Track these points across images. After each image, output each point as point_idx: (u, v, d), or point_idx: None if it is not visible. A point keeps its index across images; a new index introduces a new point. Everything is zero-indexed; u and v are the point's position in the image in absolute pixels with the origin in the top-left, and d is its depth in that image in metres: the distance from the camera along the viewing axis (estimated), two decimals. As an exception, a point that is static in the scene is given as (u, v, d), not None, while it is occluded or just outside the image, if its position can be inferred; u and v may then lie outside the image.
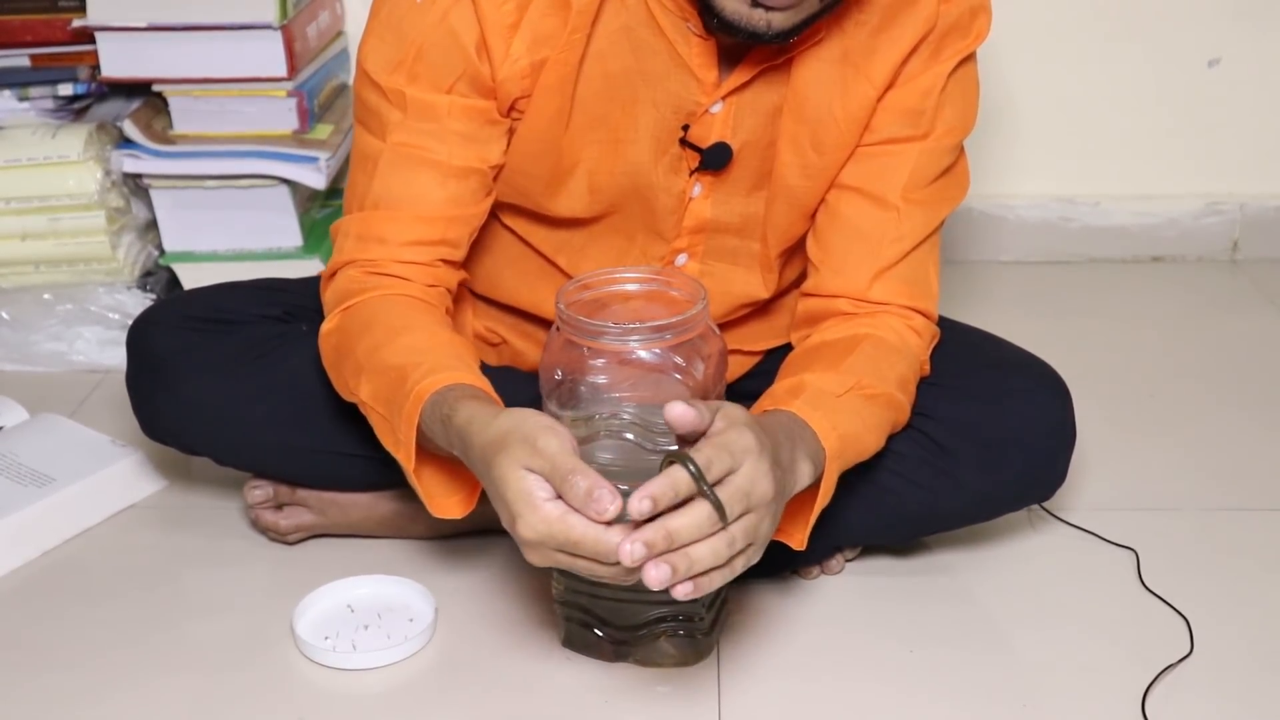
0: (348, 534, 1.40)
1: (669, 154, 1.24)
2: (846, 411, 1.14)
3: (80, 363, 1.76)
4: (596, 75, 1.21)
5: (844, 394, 1.15)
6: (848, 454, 1.14)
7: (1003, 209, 2.06)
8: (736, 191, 1.28)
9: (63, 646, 1.27)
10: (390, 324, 1.16)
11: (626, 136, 1.23)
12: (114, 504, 1.46)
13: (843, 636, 1.27)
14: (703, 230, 1.29)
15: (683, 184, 1.26)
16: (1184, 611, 1.28)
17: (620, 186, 1.26)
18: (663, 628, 1.20)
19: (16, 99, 1.77)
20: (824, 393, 1.15)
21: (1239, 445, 1.58)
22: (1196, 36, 1.97)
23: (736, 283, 1.32)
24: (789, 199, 1.27)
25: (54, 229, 1.73)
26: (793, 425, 1.10)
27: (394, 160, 1.21)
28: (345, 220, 1.25)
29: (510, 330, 1.41)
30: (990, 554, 1.38)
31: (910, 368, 1.23)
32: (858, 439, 1.15)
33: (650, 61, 1.20)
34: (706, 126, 1.23)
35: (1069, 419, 1.29)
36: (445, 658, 1.25)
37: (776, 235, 1.30)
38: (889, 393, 1.19)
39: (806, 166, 1.25)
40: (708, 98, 1.21)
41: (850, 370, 1.18)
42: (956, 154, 1.28)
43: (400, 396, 1.10)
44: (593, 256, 1.31)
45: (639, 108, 1.22)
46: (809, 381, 1.16)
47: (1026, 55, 1.99)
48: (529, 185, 1.26)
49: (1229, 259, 2.06)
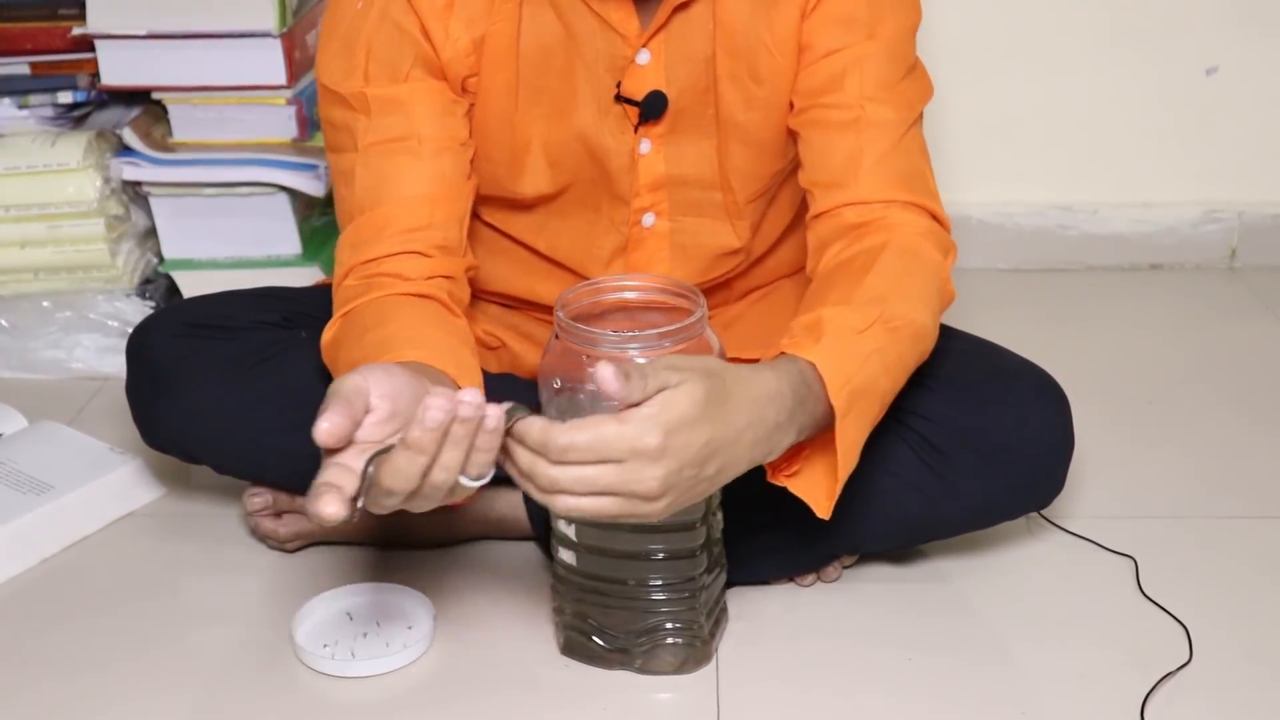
0: (347, 542, 1.40)
1: (611, 114, 1.26)
2: (865, 353, 1.09)
3: (79, 370, 1.76)
4: (533, 47, 1.24)
5: (867, 329, 1.11)
6: (862, 406, 1.09)
7: (1001, 216, 2.06)
8: (686, 142, 1.28)
9: (61, 654, 1.27)
10: (382, 319, 1.16)
11: (568, 104, 1.25)
12: (112, 511, 1.46)
13: (841, 644, 1.27)
14: (662, 186, 1.30)
15: (630, 141, 1.27)
16: (1183, 619, 1.28)
17: (575, 154, 1.27)
18: (661, 635, 1.20)
19: (16, 106, 1.77)
20: (844, 330, 1.10)
21: (1238, 453, 1.58)
22: (1194, 44, 1.98)
23: (706, 234, 1.33)
24: (741, 137, 1.27)
25: (53, 236, 1.73)
26: (796, 385, 1.05)
27: (369, 161, 1.22)
28: (340, 236, 1.25)
29: (509, 332, 1.41)
30: (989, 561, 1.38)
31: (931, 283, 1.19)
32: (874, 385, 1.10)
33: (576, 24, 1.23)
34: (638, 79, 1.25)
35: (1068, 427, 1.30)
36: (444, 665, 1.25)
37: (740, 178, 1.30)
38: (915, 321, 1.14)
39: (750, 100, 1.25)
40: (631, 49, 1.23)
41: (871, 293, 1.14)
42: (910, 55, 1.27)
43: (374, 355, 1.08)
44: (566, 232, 1.32)
45: (574, 72, 1.24)
46: (828, 318, 1.11)
47: (1024, 63, 1.99)
48: (494, 170, 1.28)
49: (1227, 266, 2.07)
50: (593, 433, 0.95)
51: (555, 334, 1.15)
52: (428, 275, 1.21)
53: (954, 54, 1.98)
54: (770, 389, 1.03)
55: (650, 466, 0.96)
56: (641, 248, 1.33)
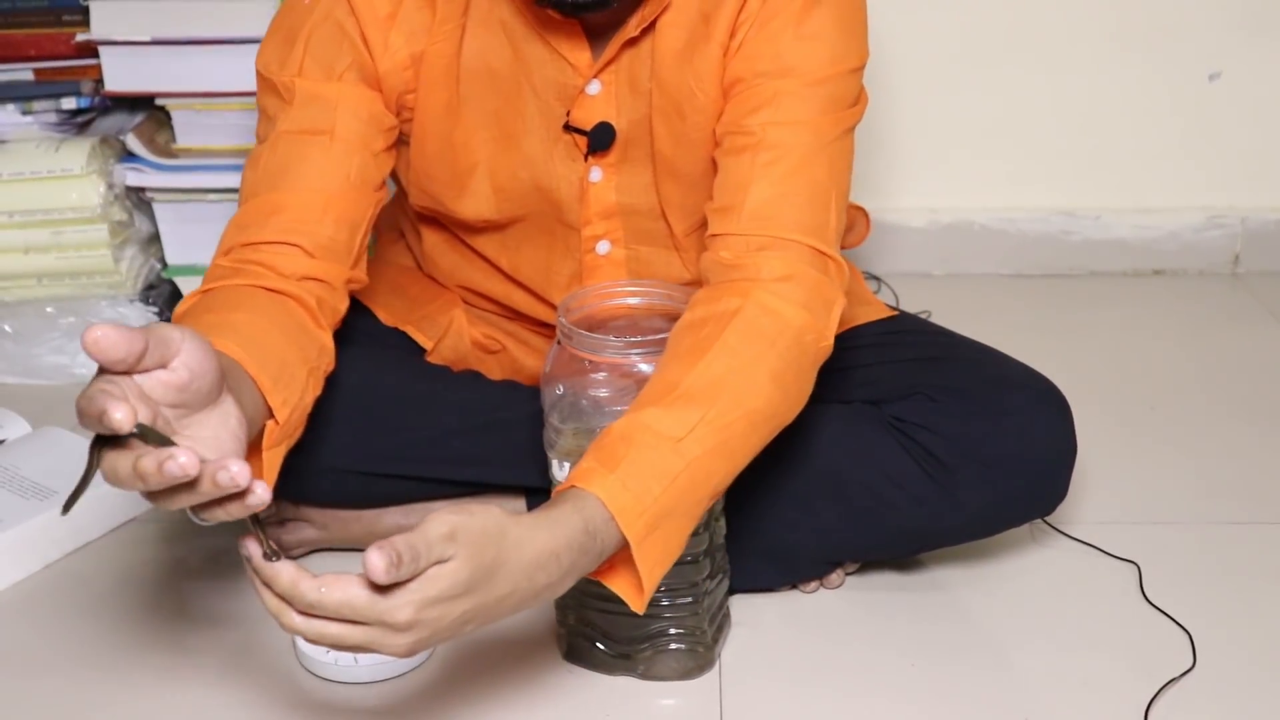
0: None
1: (560, 141, 1.26)
2: (675, 470, 1.03)
3: (83, 376, 1.76)
4: (479, 70, 1.23)
5: (686, 435, 1.04)
6: (672, 524, 1.04)
7: (1003, 222, 2.06)
8: (635, 173, 1.28)
9: (64, 659, 1.27)
10: (233, 305, 1.10)
11: (517, 130, 1.26)
12: (116, 517, 1.46)
13: (845, 650, 1.27)
14: (614, 215, 1.30)
15: (579, 170, 1.27)
16: (1186, 625, 1.28)
17: (521, 182, 1.27)
18: (664, 641, 1.20)
19: (20, 112, 1.77)
20: (657, 443, 1.03)
21: (1241, 458, 1.58)
22: (1197, 50, 1.98)
23: (660, 264, 1.33)
24: (669, 170, 1.27)
25: (57, 242, 1.73)
26: (576, 536, 1.00)
27: (278, 147, 1.20)
28: (231, 218, 1.21)
29: (507, 337, 1.42)
30: (992, 568, 1.38)
31: (781, 357, 1.11)
32: (686, 498, 1.05)
33: (526, 50, 1.23)
34: (587, 109, 1.25)
35: (1070, 434, 1.29)
36: (447, 671, 1.25)
37: (674, 212, 1.29)
38: (752, 410, 1.08)
39: (675, 135, 1.25)
40: (582, 79, 1.23)
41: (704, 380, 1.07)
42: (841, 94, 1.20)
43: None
44: (524, 259, 1.33)
45: (523, 99, 1.24)
46: (641, 427, 1.04)
47: (1027, 68, 1.99)
48: (435, 189, 1.28)
49: (1230, 272, 2.07)
50: (341, 596, 0.92)
51: (558, 340, 1.15)
52: (302, 275, 1.16)
53: (956, 58, 1.98)
54: (543, 553, 0.97)
55: (397, 636, 0.93)
56: (597, 274, 1.32)
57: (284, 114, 1.21)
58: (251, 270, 1.15)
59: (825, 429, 1.28)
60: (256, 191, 1.20)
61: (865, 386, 1.31)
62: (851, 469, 1.27)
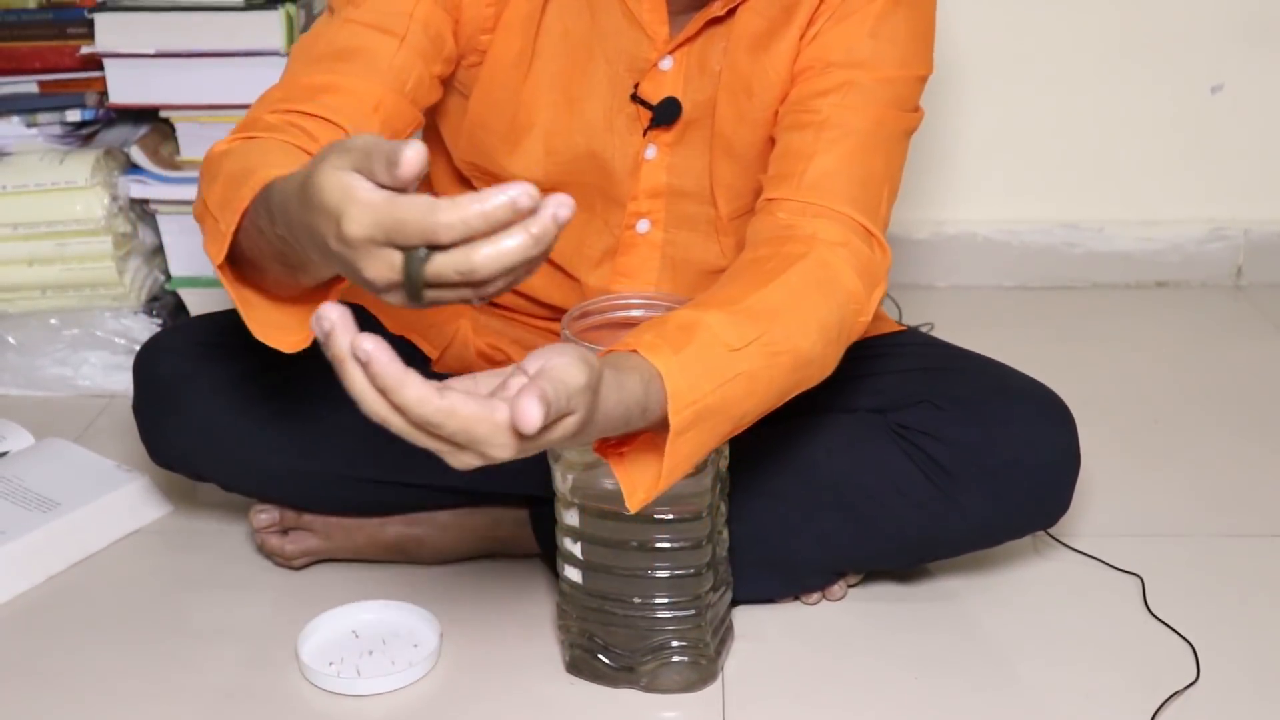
0: (353, 559, 1.40)
1: (623, 113, 1.26)
2: (729, 374, 1.03)
3: (86, 387, 1.76)
4: (557, 31, 1.23)
5: (743, 347, 1.04)
6: (710, 424, 1.03)
7: (1006, 234, 2.06)
8: (690, 154, 1.29)
9: (67, 672, 1.27)
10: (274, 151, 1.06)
11: (581, 94, 1.25)
12: (119, 529, 1.47)
13: (847, 662, 1.27)
14: (660, 195, 1.30)
15: (637, 144, 1.27)
16: (1190, 638, 1.28)
17: (575, 149, 1.27)
18: (667, 653, 1.20)
19: (24, 125, 1.77)
20: (716, 343, 1.03)
21: (1245, 471, 1.57)
22: (1199, 62, 1.98)
23: (697, 250, 1.33)
24: (727, 148, 1.28)
25: (61, 254, 1.74)
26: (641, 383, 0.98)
27: (343, 29, 1.17)
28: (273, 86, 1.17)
29: (513, 346, 1.41)
30: (995, 580, 1.37)
31: (834, 312, 1.12)
32: (731, 407, 1.04)
33: (605, 19, 1.23)
34: (657, 83, 1.25)
35: (1074, 446, 1.29)
36: (449, 684, 1.25)
37: (724, 192, 1.30)
38: (799, 349, 1.08)
39: (739, 113, 1.26)
40: (657, 53, 1.24)
41: (764, 305, 1.08)
42: (905, 98, 1.24)
43: (237, 186, 0.99)
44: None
45: (594, 65, 1.25)
46: (704, 325, 1.04)
47: (1030, 80, 1.99)
48: (487, 139, 1.27)
49: (1233, 284, 2.07)
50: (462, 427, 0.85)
51: (561, 352, 1.15)
52: None
53: (960, 71, 1.98)
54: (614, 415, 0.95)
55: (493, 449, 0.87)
56: (632, 253, 1.32)
57: (355, 6, 1.18)
58: (294, 131, 1.10)
59: (828, 437, 1.28)
60: (310, 64, 1.16)
61: (870, 395, 1.31)
62: (854, 476, 1.27)
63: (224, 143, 1.11)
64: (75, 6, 1.77)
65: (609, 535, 1.17)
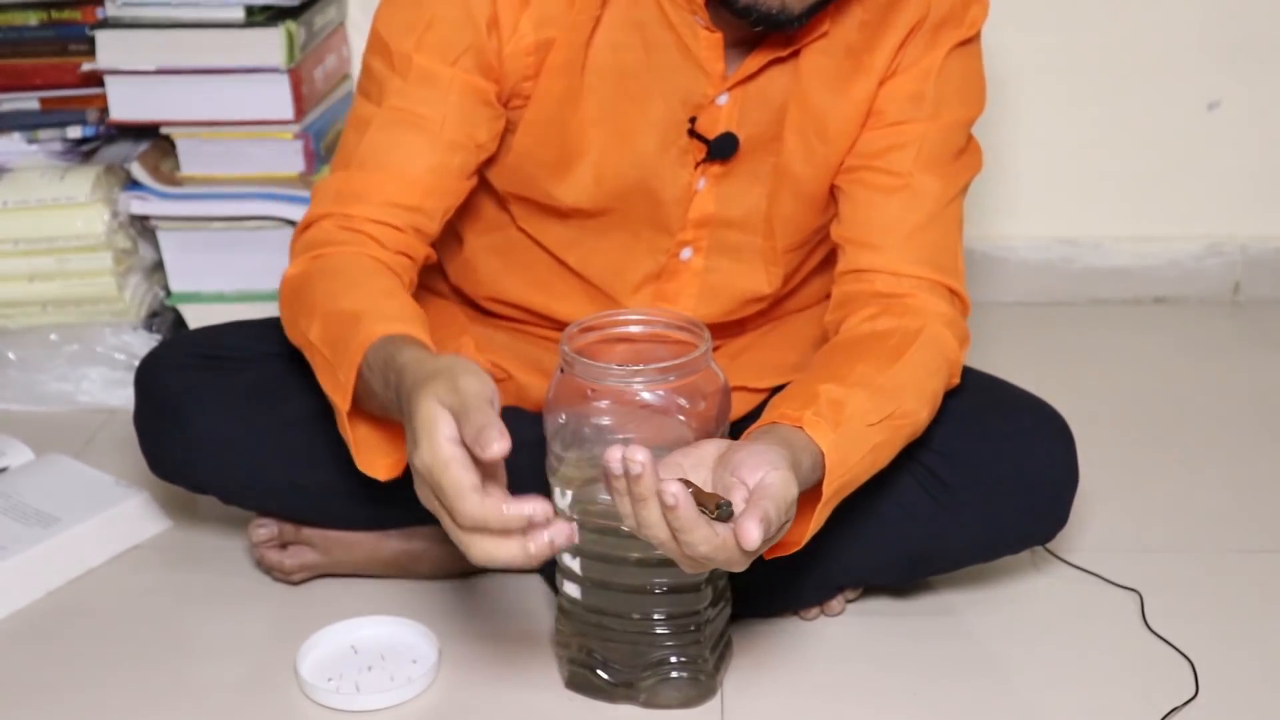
0: (352, 574, 1.40)
1: (676, 146, 1.27)
2: (865, 450, 1.13)
3: (86, 403, 1.76)
4: (608, 66, 1.24)
5: (878, 423, 1.14)
6: (842, 494, 1.14)
7: (1004, 250, 2.06)
8: (741, 186, 1.30)
9: (66, 687, 1.27)
10: (354, 276, 1.18)
11: (634, 128, 1.26)
12: (119, 544, 1.47)
13: (846, 677, 1.27)
14: (706, 224, 1.31)
15: (689, 176, 1.28)
16: (1189, 653, 1.28)
17: (625, 179, 1.28)
18: (666, 669, 1.20)
19: (25, 141, 1.78)
20: (860, 420, 1.13)
21: (1243, 486, 1.58)
22: (1197, 79, 1.99)
23: (739, 278, 1.34)
24: (794, 188, 1.29)
25: (61, 270, 1.74)
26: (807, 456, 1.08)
27: (386, 123, 1.23)
28: (328, 178, 1.26)
29: (515, 362, 1.41)
30: (993, 595, 1.37)
31: (942, 382, 1.24)
32: (859, 479, 1.14)
33: (660, 56, 1.24)
34: (712, 118, 1.26)
35: (1072, 461, 1.30)
36: (448, 699, 1.24)
37: (784, 226, 1.32)
38: (917, 420, 1.19)
39: (811, 154, 1.28)
40: (714, 89, 1.25)
41: (895, 382, 1.17)
42: (966, 138, 1.31)
43: (348, 337, 1.11)
44: (601, 252, 1.33)
45: (649, 101, 1.25)
46: (852, 403, 1.13)
47: (1028, 96, 2.00)
48: (536, 171, 1.28)
49: (1231, 300, 2.07)
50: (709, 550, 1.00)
51: (560, 368, 1.15)
52: (399, 250, 1.23)
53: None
54: (791, 498, 1.05)
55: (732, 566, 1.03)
56: (675, 280, 1.34)
57: (395, 86, 1.22)
58: (361, 239, 1.21)
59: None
60: (360, 163, 1.24)
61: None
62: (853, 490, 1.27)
63: (296, 265, 1.21)
64: (76, 24, 1.78)
65: (608, 551, 1.17)
